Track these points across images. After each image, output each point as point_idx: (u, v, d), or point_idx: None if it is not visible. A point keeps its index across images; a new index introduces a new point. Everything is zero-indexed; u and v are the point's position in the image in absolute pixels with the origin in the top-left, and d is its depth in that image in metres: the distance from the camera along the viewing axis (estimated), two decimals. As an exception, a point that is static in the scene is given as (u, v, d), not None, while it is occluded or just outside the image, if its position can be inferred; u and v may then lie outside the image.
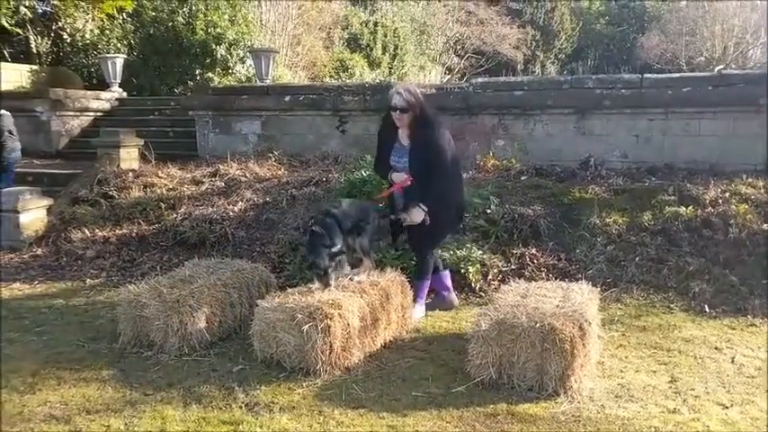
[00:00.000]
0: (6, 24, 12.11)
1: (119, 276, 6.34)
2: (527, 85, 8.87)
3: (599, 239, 6.21)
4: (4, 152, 8.46)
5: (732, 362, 4.27)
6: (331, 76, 17.35)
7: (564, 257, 6.11)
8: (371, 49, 19.80)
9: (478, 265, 5.84)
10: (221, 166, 8.39)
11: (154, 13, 14.78)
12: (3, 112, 8.66)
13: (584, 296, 4.40)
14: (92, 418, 3.55)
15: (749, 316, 5.11)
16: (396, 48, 20.51)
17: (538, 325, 3.84)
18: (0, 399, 3.78)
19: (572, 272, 5.88)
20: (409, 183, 4.98)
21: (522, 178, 7.46)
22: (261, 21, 16.29)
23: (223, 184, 7.96)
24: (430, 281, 5.26)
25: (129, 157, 8.75)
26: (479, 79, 9.65)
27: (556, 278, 5.59)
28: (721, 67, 16.97)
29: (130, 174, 8.27)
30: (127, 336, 4.57)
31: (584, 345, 3.84)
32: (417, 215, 4.84)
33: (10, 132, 8.62)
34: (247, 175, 8.15)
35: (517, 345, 3.87)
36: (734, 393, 3.81)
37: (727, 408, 3.64)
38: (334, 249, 4.47)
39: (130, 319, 4.54)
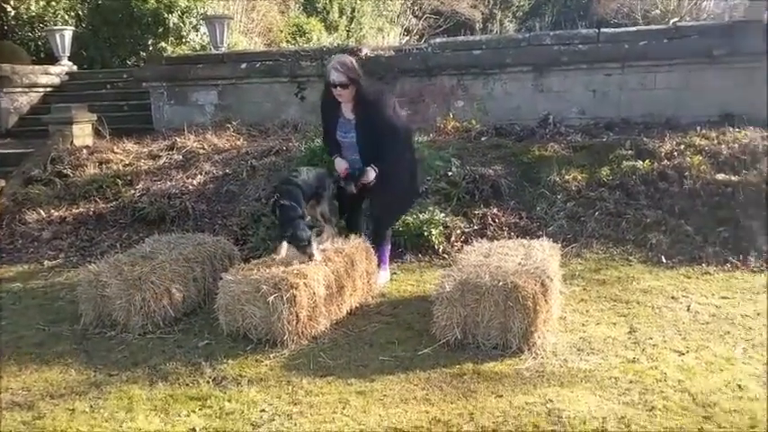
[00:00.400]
0: (-56, -1, 11.61)
1: (77, 257, 6.23)
2: (485, 44, 8.83)
3: (559, 196, 6.29)
4: None
5: (688, 310, 4.40)
6: (288, 42, 17.03)
7: (525, 216, 6.18)
8: (328, 13, 19.45)
9: (441, 228, 5.87)
10: (178, 139, 8.23)
11: (101, -18, 14.27)
12: None
13: (545, 253, 4.46)
14: (56, 403, 3.50)
15: (703, 264, 5.26)
16: (353, 10, 20.19)
17: (501, 283, 3.88)
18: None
19: (533, 229, 5.96)
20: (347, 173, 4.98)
21: (483, 139, 7.48)
22: (213, -14, 15.85)
23: (181, 157, 7.81)
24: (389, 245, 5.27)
25: (82, 133, 8.51)
26: (438, 40, 9.57)
27: (518, 236, 5.67)
28: (676, 19, 17.10)
29: (84, 150, 8.05)
30: (88, 316, 4.50)
31: (546, 301, 3.90)
32: (370, 174, 4.83)
33: None
34: (205, 146, 8.01)
35: (481, 304, 3.92)
36: (689, 340, 3.93)
37: (683, 354, 3.76)
38: (308, 219, 4.44)
39: (91, 300, 4.47)
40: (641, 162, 6.39)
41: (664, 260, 5.36)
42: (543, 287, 3.92)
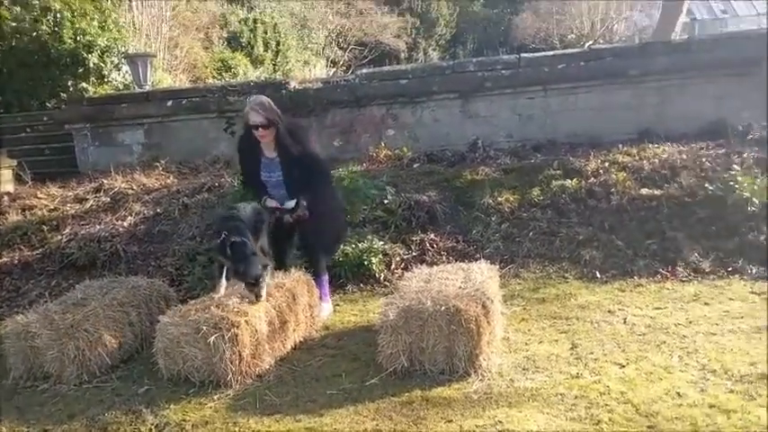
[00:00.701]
0: None
1: (3, 308, 5.91)
2: (411, 73, 8.98)
3: (493, 219, 6.42)
4: None
5: (624, 322, 4.53)
6: (214, 78, 16.88)
7: (462, 239, 6.26)
8: (253, 47, 19.42)
9: (381, 256, 5.89)
10: (105, 181, 7.99)
11: (14, 24, 13.81)
12: None
13: (484, 275, 4.53)
14: (-13, 465, 3.31)
15: (636, 277, 5.44)
16: (278, 44, 20.22)
17: (443, 308, 3.91)
18: None
19: (470, 252, 6.04)
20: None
21: (415, 166, 7.59)
22: (134, 25, 15.59)
23: (109, 199, 7.59)
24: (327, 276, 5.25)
25: (2, 179, 8.18)
26: (365, 70, 9.69)
27: (456, 260, 5.73)
28: (590, 42, 17.89)
29: (5, 197, 7.74)
30: (18, 370, 4.29)
31: (488, 322, 3.95)
32: (300, 210, 4.88)
33: None
34: (134, 187, 7.81)
35: (425, 330, 3.93)
36: (628, 352, 4.05)
37: (623, 366, 3.86)
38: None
39: (20, 352, 4.27)
40: (569, 181, 6.61)
41: (598, 275, 5.52)
42: (485, 309, 3.97)
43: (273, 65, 19.42)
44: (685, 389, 3.52)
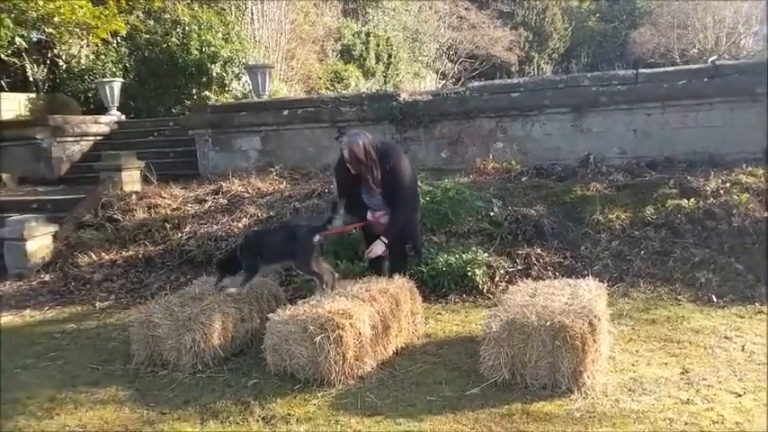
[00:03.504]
0: (2, 55, 12.22)
1: (128, 298, 6.38)
2: (523, 87, 8.90)
3: (603, 235, 6.25)
4: None
5: (742, 350, 4.29)
6: (327, 88, 17.42)
7: (569, 255, 6.14)
8: (365, 59, 19.88)
9: (485, 268, 5.87)
10: (223, 184, 8.44)
11: (147, 36, 14.86)
12: None
13: (591, 292, 4.42)
14: (111, 440, 3.58)
15: (757, 303, 5.14)
16: (389, 56, 20.59)
17: (548, 323, 3.87)
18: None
19: (578, 269, 5.92)
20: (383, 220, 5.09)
21: (523, 179, 7.51)
22: (254, 37, 16.37)
23: (226, 201, 8.00)
24: None
25: (131, 179, 8.79)
26: (475, 83, 9.70)
27: (562, 276, 5.62)
28: (714, 58, 17.01)
29: (134, 196, 8.31)
30: (140, 356, 4.60)
31: (594, 340, 3.87)
32: (378, 248, 4.94)
33: None
34: (250, 190, 8.19)
35: (528, 344, 3.90)
36: (746, 381, 3.83)
37: (740, 396, 3.66)
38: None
39: (143, 340, 4.57)
40: (686, 200, 6.33)
41: (714, 299, 5.26)
42: (591, 327, 3.89)
43: (384, 76, 19.77)
44: (809, 424, 3.30)
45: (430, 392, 3.95)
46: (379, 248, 4.94)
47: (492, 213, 6.53)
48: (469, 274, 5.78)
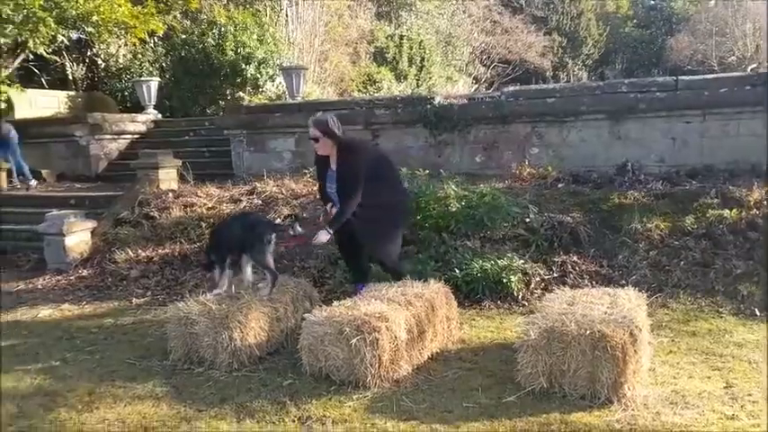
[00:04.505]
0: (44, 53, 12.48)
1: (163, 295, 6.44)
2: (559, 93, 8.83)
3: (641, 245, 6.15)
4: None
5: (788, 366, 4.19)
6: (359, 91, 17.47)
7: (606, 264, 6.06)
8: (398, 62, 19.90)
9: (520, 274, 5.82)
10: (258, 184, 8.49)
11: (184, 36, 15.07)
12: None
13: (631, 302, 4.35)
14: (149, 436, 3.61)
15: (802, 318, 5.01)
16: (422, 60, 20.58)
17: (588, 332, 3.81)
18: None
19: (615, 278, 5.84)
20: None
21: (559, 186, 7.43)
22: (289, 39, 16.49)
23: (260, 201, 8.04)
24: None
25: (167, 177, 8.90)
26: (511, 88, 9.65)
27: (599, 285, 5.55)
28: (755, 65, 16.71)
29: (170, 194, 8.40)
30: (177, 353, 4.64)
31: (635, 351, 3.80)
32: (323, 236, 5.04)
33: None
34: (284, 191, 8.22)
35: (567, 353, 3.85)
36: (793, 398, 3.74)
37: (787, 413, 3.57)
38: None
39: (180, 336, 4.61)
40: (728, 211, 6.21)
41: (757, 313, 5.14)
42: (632, 337, 3.82)
43: (417, 80, 19.77)
44: None
45: (466, 399, 3.92)
46: (323, 237, 5.05)
47: (528, 219, 6.47)
48: (504, 280, 5.73)
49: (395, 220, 5.42)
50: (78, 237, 7.57)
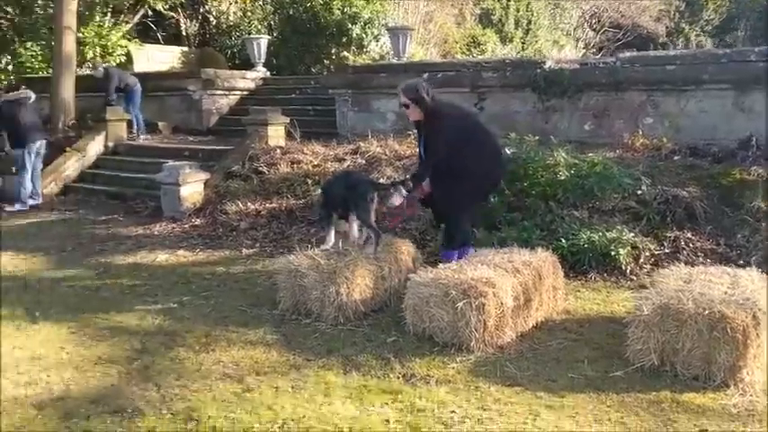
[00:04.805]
0: (162, 8, 13.00)
1: (271, 247, 6.68)
2: (680, 60, 8.36)
3: (764, 224, 5.81)
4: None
5: None
6: (462, 53, 17.21)
7: (723, 242, 5.77)
8: (503, 25, 19.43)
9: (629, 248, 5.63)
10: (362, 144, 8.57)
11: (293, -6, 15.26)
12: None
13: (754, 283, 4.13)
14: (261, 380, 3.79)
15: None
16: (528, 22, 20.01)
17: (706, 312, 3.66)
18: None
19: (733, 258, 5.55)
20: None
21: (675, 158, 7.09)
22: (394, -1, 16.41)
23: (364, 161, 8.13)
24: (457, 252, 5.19)
25: (276, 134, 9.13)
26: (626, 54, 9.23)
27: (715, 264, 5.29)
28: None
29: (278, 150, 8.63)
30: (286, 303, 4.82)
31: (758, 335, 3.62)
32: (395, 199, 5.10)
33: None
34: (387, 152, 8.26)
35: (682, 331, 3.72)
36: None
37: None
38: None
39: (290, 288, 4.78)
40: None
41: None
42: (755, 320, 3.64)
43: (522, 43, 19.26)
44: None
45: (571, 369, 3.87)
46: (396, 199, 5.11)
47: (640, 192, 6.22)
48: (612, 253, 5.56)
49: (468, 189, 5.23)
50: (192, 187, 7.93)
